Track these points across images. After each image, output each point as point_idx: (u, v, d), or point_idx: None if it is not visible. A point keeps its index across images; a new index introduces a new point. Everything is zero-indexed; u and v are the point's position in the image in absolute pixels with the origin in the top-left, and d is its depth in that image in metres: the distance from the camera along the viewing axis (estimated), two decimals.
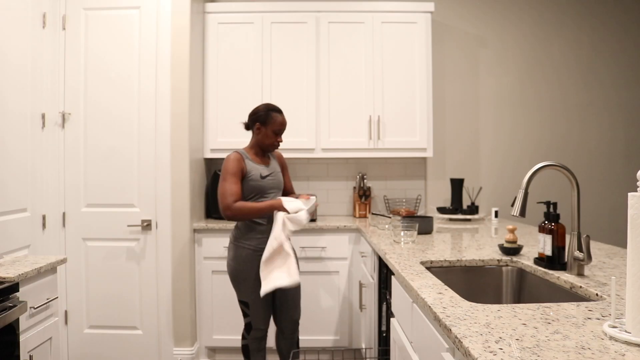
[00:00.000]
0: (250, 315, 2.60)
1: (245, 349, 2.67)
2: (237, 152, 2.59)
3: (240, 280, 2.58)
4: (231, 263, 2.61)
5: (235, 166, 2.52)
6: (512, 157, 4.00)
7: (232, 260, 2.60)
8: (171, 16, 3.18)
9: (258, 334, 2.63)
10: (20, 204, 2.73)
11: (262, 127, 2.62)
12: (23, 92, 2.75)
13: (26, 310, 1.85)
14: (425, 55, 3.58)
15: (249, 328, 2.63)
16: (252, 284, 2.56)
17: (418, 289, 1.52)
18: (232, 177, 2.51)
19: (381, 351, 2.44)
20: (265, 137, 2.62)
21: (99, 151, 3.20)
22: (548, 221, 1.85)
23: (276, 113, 2.62)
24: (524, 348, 0.99)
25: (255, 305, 2.58)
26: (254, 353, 2.65)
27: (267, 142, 2.63)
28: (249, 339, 2.64)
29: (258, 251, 2.58)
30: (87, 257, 3.21)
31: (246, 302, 2.59)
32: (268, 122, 2.60)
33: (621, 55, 4.01)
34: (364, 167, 3.94)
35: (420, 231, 2.78)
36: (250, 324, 2.62)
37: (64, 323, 3.21)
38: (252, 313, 2.60)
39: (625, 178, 4.02)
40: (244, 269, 2.57)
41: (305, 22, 3.57)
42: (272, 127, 2.60)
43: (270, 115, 2.60)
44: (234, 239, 2.63)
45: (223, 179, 2.52)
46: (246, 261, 2.57)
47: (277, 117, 2.61)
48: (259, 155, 2.68)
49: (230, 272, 2.61)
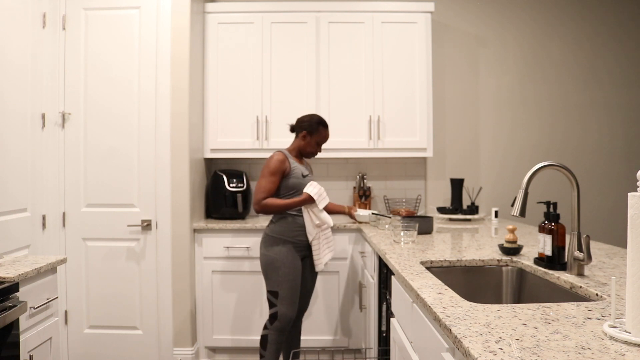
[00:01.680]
0: (278, 305, 2.71)
1: (264, 339, 2.74)
2: (282, 153, 2.79)
3: (273, 269, 2.72)
4: (265, 253, 2.75)
5: (277, 166, 2.73)
6: (512, 157, 4.00)
7: (266, 250, 2.76)
8: (171, 16, 3.18)
9: (280, 326, 2.71)
10: (20, 204, 2.73)
11: (307, 136, 2.85)
12: (23, 92, 2.75)
13: (26, 310, 1.85)
14: (425, 55, 3.58)
15: (274, 319, 2.72)
16: (284, 273, 2.70)
17: (418, 289, 1.52)
18: (271, 175, 2.72)
19: (381, 351, 2.44)
20: (308, 145, 2.86)
21: (99, 151, 3.20)
22: (548, 221, 1.85)
23: (324, 127, 2.87)
24: (524, 348, 0.99)
25: (285, 294, 2.70)
26: (271, 345, 2.72)
27: (309, 150, 2.87)
28: (270, 329, 2.72)
29: (293, 243, 2.76)
30: (87, 257, 3.21)
31: (276, 292, 2.71)
32: (315, 133, 2.85)
33: (621, 55, 4.01)
34: (364, 167, 3.94)
35: (420, 231, 2.78)
36: (275, 314, 2.72)
37: (64, 323, 3.21)
38: (280, 303, 2.70)
39: (625, 178, 4.02)
40: (278, 258, 2.71)
41: (305, 22, 3.57)
42: (317, 139, 2.86)
43: (318, 129, 2.85)
44: (270, 231, 2.79)
45: (262, 176, 2.74)
46: (279, 251, 2.72)
47: (323, 132, 2.87)
48: (298, 158, 2.91)
49: (263, 262, 2.76)
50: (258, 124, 3.55)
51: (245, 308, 3.32)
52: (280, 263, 2.71)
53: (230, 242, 3.32)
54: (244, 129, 3.57)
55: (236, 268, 3.32)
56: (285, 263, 2.71)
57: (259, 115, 3.55)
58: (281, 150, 2.81)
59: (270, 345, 2.71)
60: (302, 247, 2.80)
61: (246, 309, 3.33)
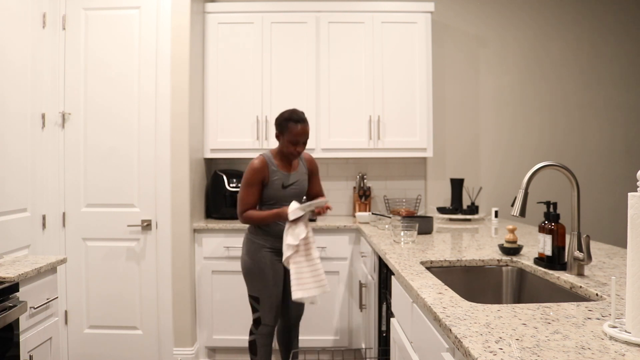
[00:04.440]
0: (260, 311, 2.65)
1: (252, 344, 2.70)
2: (263, 159, 2.59)
3: (252, 275, 2.64)
4: (245, 257, 2.68)
5: (254, 178, 2.57)
6: (512, 157, 4.00)
7: (245, 254, 2.68)
8: (171, 16, 3.18)
9: (266, 330, 2.67)
10: (20, 204, 2.73)
11: (280, 137, 2.62)
12: (23, 92, 2.75)
13: (26, 310, 1.85)
14: (425, 55, 3.58)
15: (258, 323, 2.67)
16: (264, 279, 2.63)
17: (418, 289, 1.52)
18: (249, 187, 2.58)
19: (381, 351, 2.44)
20: (283, 146, 2.61)
21: (99, 151, 3.20)
22: (548, 221, 1.85)
23: (293, 123, 2.54)
24: (524, 348, 0.99)
25: (265, 301, 2.64)
26: (260, 349, 2.69)
27: (286, 151, 2.61)
28: (256, 334, 2.68)
29: (271, 249, 2.67)
30: (87, 257, 3.21)
31: (257, 297, 2.65)
32: (285, 132, 2.57)
33: (621, 55, 4.01)
34: (364, 167, 3.94)
35: (420, 231, 2.78)
36: (259, 319, 2.67)
37: (64, 323, 3.21)
38: (262, 308, 2.65)
39: (625, 178, 4.01)
40: (257, 264, 2.64)
41: (305, 22, 3.57)
42: (288, 137, 2.56)
43: (287, 126, 2.56)
44: (249, 234, 2.70)
45: (242, 187, 2.61)
46: (260, 257, 2.64)
47: (293, 128, 2.54)
48: (285, 161, 2.66)
49: (243, 267, 2.69)
50: (258, 124, 3.55)
51: (245, 308, 3.32)
52: (259, 269, 2.62)
53: (230, 242, 3.32)
54: (244, 129, 3.57)
55: (236, 268, 3.31)
56: (263, 269, 2.63)
57: (259, 115, 3.55)
58: (263, 155, 2.62)
59: (260, 349, 2.68)
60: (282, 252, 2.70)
61: (246, 309, 3.32)
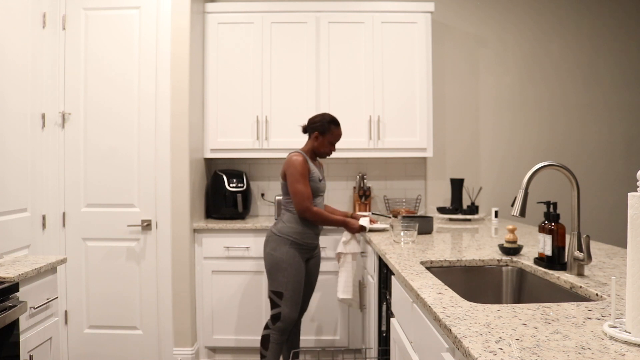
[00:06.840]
0: (282, 306, 2.70)
1: (265, 339, 2.74)
2: (300, 154, 2.74)
3: (278, 270, 2.70)
4: (272, 253, 2.73)
5: (305, 168, 2.71)
6: (512, 157, 4.00)
7: (272, 250, 2.73)
8: (171, 16, 3.18)
9: (283, 326, 2.71)
10: (20, 204, 2.73)
11: (320, 137, 2.80)
12: (23, 92, 2.75)
13: (26, 310, 1.85)
14: (425, 55, 3.58)
15: (276, 319, 2.71)
16: (289, 275, 2.69)
17: (418, 289, 1.52)
18: (304, 178, 2.70)
19: (381, 351, 2.44)
20: (321, 146, 2.81)
21: (99, 151, 3.20)
22: (548, 221, 1.85)
23: (335, 126, 2.81)
24: (524, 348, 0.99)
25: (289, 296, 2.70)
26: (272, 345, 2.72)
27: (322, 150, 2.82)
28: (272, 329, 2.72)
29: (300, 245, 2.74)
30: (87, 257, 3.21)
31: (281, 292, 2.70)
32: (327, 133, 2.80)
33: (621, 55, 4.01)
34: (364, 167, 3.94)
35: (420, 231, 2.78)
36: (278, 314, 2.71)
37: (64, 323, 3.21)
38: (284, 304, 2.69)
39: (625, 178, 4.01)
40: (285, 259, 2.69)
41: (305, 22, 3.57)
42: (330, 138, 2.81)
43: (330, 128, 2.80)
44: (277, 230, 2.75)
45: (297, 180, 2.68)
46: (288, 253, 2.70)
47: (336, 130, 2.81)
48: (313, 159, 2.88)
49: (269, 262, 2.74)
50: (258, 124, 3.55)
51: (245, 308, 3.33)
52: (287, 264, 2.69)
53: (230, 242, 3.32)
54: (244, 129, 3.57)
55: (236, 268, 3.32)
56: (291, 264, 2.70)
57: (259, 115, 3.55)
58: (298, 151, 2.77)
59: (272, 345, 2.71)
60: (308, 249, 2.79)
61: (246, 309, 3.33)
